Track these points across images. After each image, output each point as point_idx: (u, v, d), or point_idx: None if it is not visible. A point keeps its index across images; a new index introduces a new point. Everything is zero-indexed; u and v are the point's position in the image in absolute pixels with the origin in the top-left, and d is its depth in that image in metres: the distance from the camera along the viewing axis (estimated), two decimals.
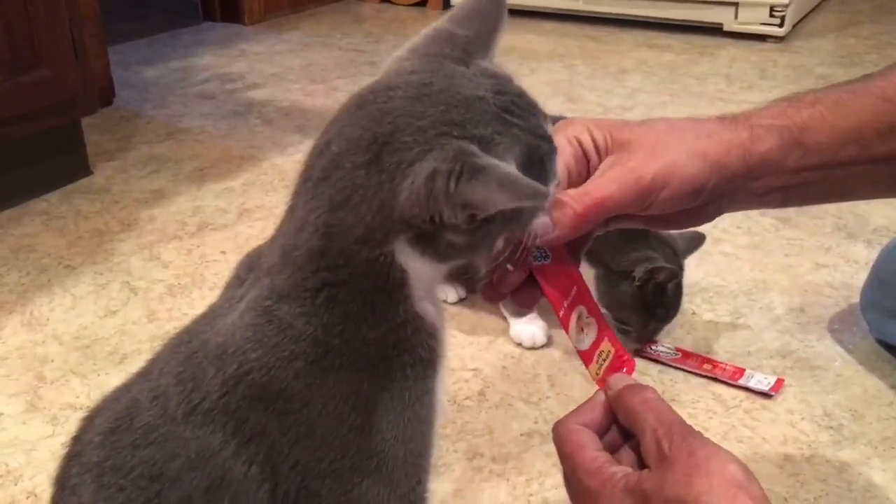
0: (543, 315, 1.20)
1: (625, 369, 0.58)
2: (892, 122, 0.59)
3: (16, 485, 0.92)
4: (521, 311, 1.18)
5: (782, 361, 1.11)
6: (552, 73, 2.37)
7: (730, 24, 2.64)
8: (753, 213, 1.51)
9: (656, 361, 1.11)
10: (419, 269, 0.52)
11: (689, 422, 0.53)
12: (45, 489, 0.73)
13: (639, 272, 1.09)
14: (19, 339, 1.17)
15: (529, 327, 1.16)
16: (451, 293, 1.26)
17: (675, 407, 1.06)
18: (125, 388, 0.59)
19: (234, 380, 0.52)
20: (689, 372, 1.08)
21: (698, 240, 1.17)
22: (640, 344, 1.13)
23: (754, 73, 2.36)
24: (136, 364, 0.61)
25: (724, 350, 1.14)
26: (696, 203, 0.59)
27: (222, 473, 0.53)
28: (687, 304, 1.24)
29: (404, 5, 3.14)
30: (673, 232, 1.14)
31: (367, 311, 0.52)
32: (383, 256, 0.50)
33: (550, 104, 1.25)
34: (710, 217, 0.62)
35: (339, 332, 0.52)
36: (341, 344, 0.52)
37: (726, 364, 1.09)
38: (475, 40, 0.55)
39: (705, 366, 1.09)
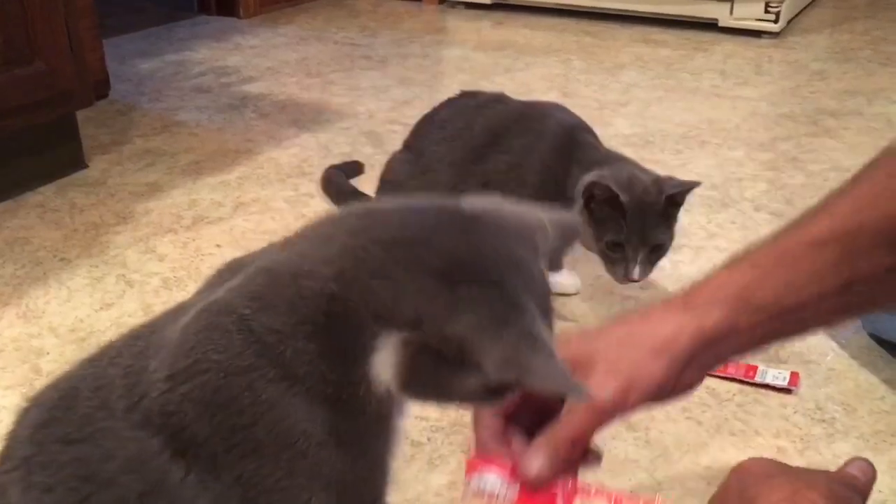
0: None
1: None
2: (827, 265, 0.61)
3: None
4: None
5: (776, 355, 1.11)
6: (548, 68, 2.38)
7: (725, 20, 2.64)
8: (748, 209, 1.52)
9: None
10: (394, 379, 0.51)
11: (682, 416, 0.53)
12: None
13: (577, 190, 1.09)
14: (15, 332, 1.17)
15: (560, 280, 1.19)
16: None
17: None
18: (66, 377, 0.55)
19: (184, 376, 0.49)
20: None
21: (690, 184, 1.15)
22: (628, 277, 1.12)
23: (749, 68, 2.37)
24: None
25: None
26: (666, 394, 0.61)
27: (158, 478, 0.49)
28: None
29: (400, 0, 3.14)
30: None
31: (339, 359, 0.50)
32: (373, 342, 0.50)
33: (546, 99, 1.26)
34: (689, 388, 0.63)
35: (307, 361, 0.50)
36: (305, 374, 0.50)
37: (738, 363, 1.08)
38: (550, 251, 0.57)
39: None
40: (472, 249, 0.51)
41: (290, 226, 1.54)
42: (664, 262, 1.34)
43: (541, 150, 1.17)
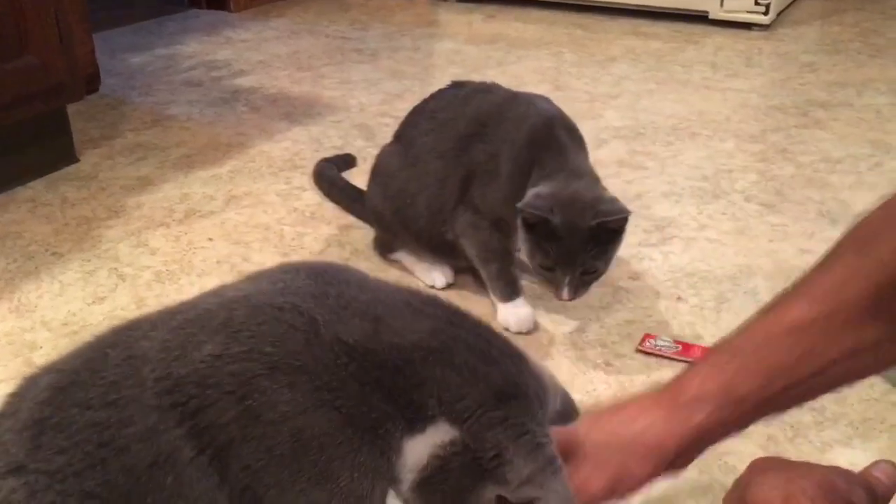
0: (531, 300, 1.21)
1: None
2: (809, 348, 0.63)
3: None
4: (510, 296, 1.19)
5: None
6: (540, 61, 2.38)
7: (716, 13, 2.65)
8: (738, 200, 1.53)
9: (658, 356, 1.11)
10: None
11: None
12: None
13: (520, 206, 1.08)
14: (8, 326, 1.17)
15: (517, 312, 1.17)
16: (438, 278, 1.27)
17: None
18: (91, 345, 0.57)
19: (233, 358, 0.52)
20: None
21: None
22: (558, 297, 1.11)
23: (740, 60, 2.38)
24: None
25: (709, 335, 1.15)
26: (654, 480, 0.65)
27: (170, 452, 0.52)
28: (672, 289, 1.26)
29: None
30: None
31: (387, 413, 0.55)
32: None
33: (538, 92, 1.26)
34: (676, 472, 0.67)
35: (356, 393, 0.54)
36: (350, 401, 0.54)
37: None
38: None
39: None
40: (523, 382, 0.59)
41: (283, 219, 1.55)
42: (655, 253, 1.35)
43: (515, 141, 1.16)
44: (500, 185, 1.16)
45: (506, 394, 0.58)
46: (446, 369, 0.56)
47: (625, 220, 1.09)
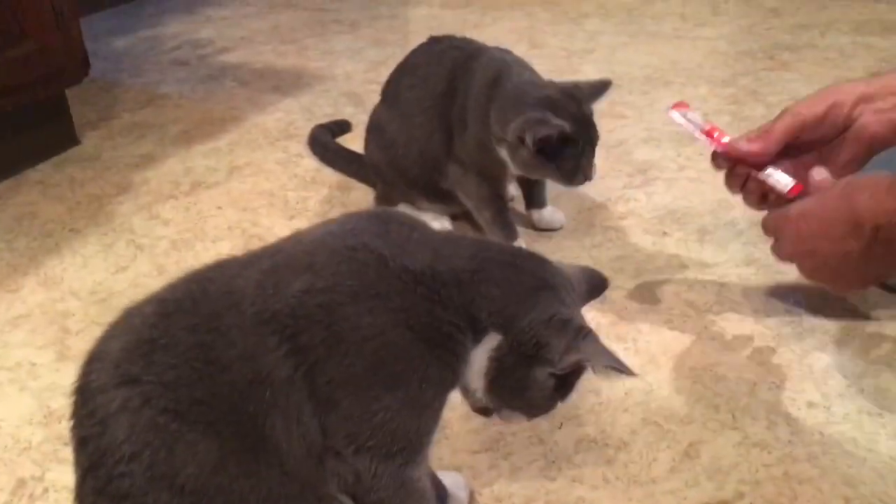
0: (527, 246, 1.29)
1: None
2: None
3: (59, 423, 1.00)
4: (507, 238, 1.27)
5: (747, 269, 1.22)
6: (514, 21, 2.45)
7: None
8: None
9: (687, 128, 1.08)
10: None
11: (666, 326, 0.66)
12: None
13: (509, 130, 1.14)
14: (39, 298, 1.24)
15: None
16: (437, 227, 1.34)
17: (652, 314, 1.17)
18: (186, 280, 0.66)
19: (320, 291, 0.62)
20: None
21: (603, 85, 1.21)
22: (587, 178, 1.18)
23: (707, 10, 2.46)
24: None
25: (694, 264, 1.24)
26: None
27: (269, 371, 0.61)
28: (657, 225, 1.35)
29: None
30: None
31: (450, 326, 0.66)
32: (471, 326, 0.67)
33: (515, 51, 1.33)
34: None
35: (426, 312, 0.64)
36: (421, 319, 0.64)
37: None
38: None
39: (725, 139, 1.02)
40: (546, 277, 0.70)
41: (285, 185, 1.62)
42: (640, 195, 1.44)
43: (472, 87, 1.23)
44: (472, 134, 1.23)
45: (535, 289, 0.68)
46: (488, 285, 0.66)
47: (609, 86, 1.20)
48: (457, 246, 0.69)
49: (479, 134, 1.22)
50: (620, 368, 0.67)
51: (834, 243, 0.89)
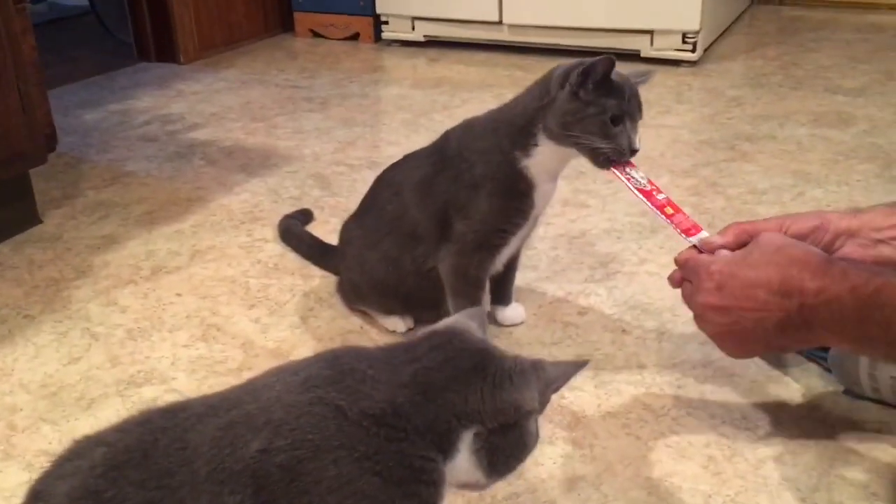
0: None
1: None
2: None
3: None
4: None
5: (704, 370, 1.22)
6: (484, 103, 2.46)
7: (646, 51, 2.80)
8: (674, 235, 1.63)
9: (626, 185, 1.12)
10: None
11: (624, 431, 0.65)
12: None
13: (573, 76, 1.15)
14: None
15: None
16: (399, 324, 1.34)
17: (609, 418, 1.16)
18: (138, 426, 0.65)
19: (278, 452, 0.61)
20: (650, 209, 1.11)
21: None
22: (632, 148, 1.13)
23: (671, 97, 2.52)
24: (103, 408, 0.68)
25: (652, 364, 1.25)
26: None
27: None
28: (617, 322, 1.36)
29: (336, 39, 3.22)
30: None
31: (422, 453, 0.65)
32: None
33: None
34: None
35: (393, 451, 0.64)
36: (388, 460, 0.63)
37: (686, 215, 1.10)
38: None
39: (667, 209, 1.09)
40: (477, 343, 0.72)
41: (248, 271, 1.61)
42: (601, 289, 1.45)
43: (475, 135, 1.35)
44: (479, 195, 1.22)
45: (480, 366, 0.69)
46: (442, 394, 0.67)
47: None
48: (396, 370, 0.68)
49: (491, 160, 1.27)
50: (577, 370, 0.75)
51: (755, 305, 0.90)
